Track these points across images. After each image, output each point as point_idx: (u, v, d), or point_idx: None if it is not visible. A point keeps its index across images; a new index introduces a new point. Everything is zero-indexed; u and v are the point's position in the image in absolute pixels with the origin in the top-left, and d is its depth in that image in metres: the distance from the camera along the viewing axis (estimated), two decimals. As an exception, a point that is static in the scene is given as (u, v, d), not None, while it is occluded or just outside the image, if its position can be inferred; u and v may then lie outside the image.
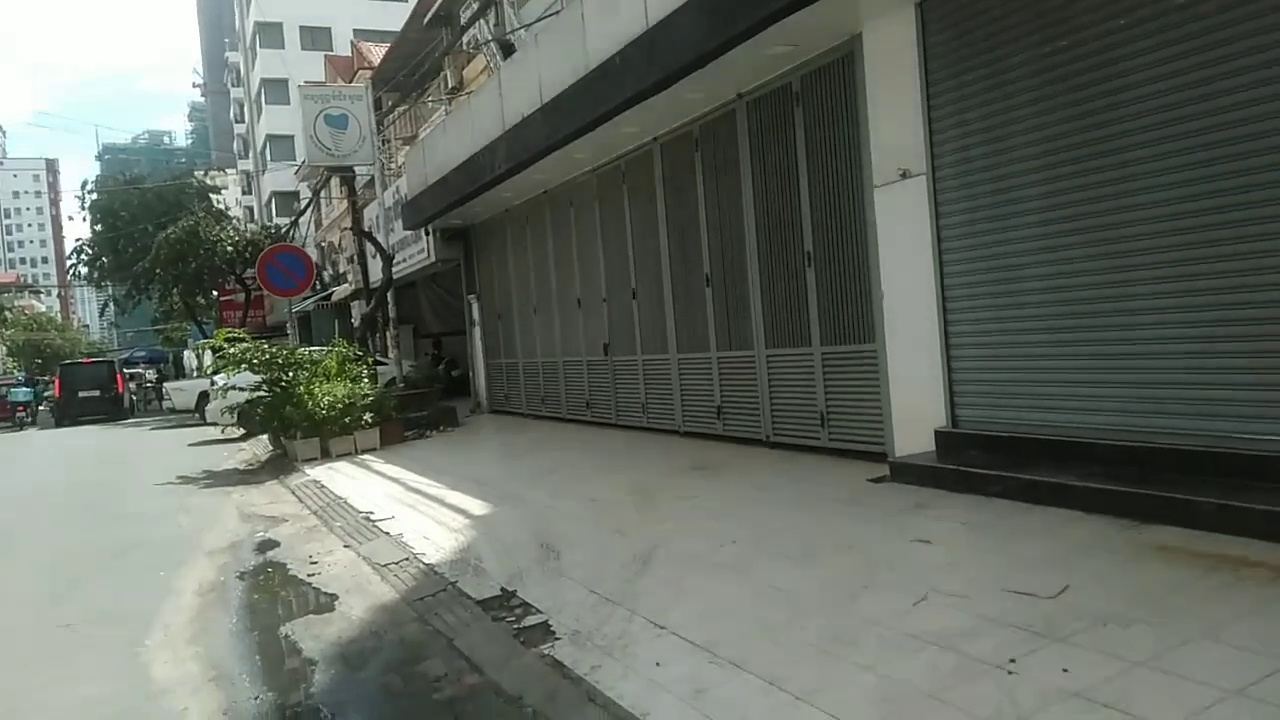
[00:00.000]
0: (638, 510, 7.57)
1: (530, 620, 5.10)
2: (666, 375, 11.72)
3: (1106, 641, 3.75)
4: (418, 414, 15.61)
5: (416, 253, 20.08)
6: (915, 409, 7.51)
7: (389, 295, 19.34)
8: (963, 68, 6.94)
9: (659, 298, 11.71)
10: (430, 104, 23.44)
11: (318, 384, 13.92)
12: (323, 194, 31.69)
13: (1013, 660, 3.72)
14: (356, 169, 19.24)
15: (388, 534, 7.88)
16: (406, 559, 6.92)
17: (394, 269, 18.94)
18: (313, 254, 30.65)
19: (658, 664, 4.19)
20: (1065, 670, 3.57)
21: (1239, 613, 3.91)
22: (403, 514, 8.59)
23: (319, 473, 12.09)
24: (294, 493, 11.24)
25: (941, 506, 6.37)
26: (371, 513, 8.85)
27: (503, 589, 5.74)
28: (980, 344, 7.05)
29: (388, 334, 20.03)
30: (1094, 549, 5.00)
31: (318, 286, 29.62)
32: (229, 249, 34.69)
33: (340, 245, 31.55)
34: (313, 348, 16.46)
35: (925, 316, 7.37)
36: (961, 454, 7.05)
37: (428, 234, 19.00)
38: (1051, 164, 6.32)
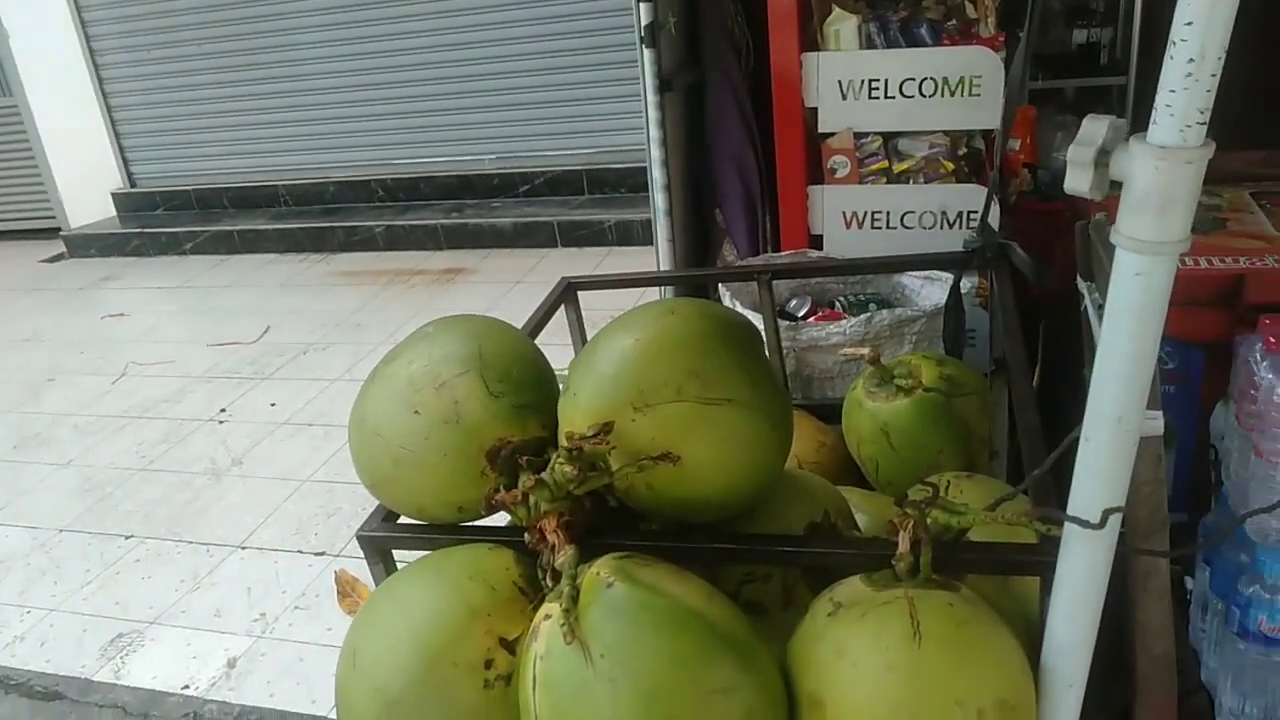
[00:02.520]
0: None
1: None
2: None
3: (307, 369, 4.01)
4: None
5: None
6: (83, 172, 6.53)
7: None
8: None
9: None
10: None
11: None
12: None
13: (223, 410, 3.73)
14: None
15: None
16: None
17: None
18: None
19: None
20: (273, 404, 3.72)
21: (412, 314, 4.53)
22: None
23: None
24: None
25: (132, 275, 5.85)
26: None
27: None
28: (144, 92, 6.33)
29: None
30: (291, 287, 5.20)
31: None
32: None
33: None
34: None
35: (70, 62, 6.26)
36: (147, 216, 6.48)
37: None
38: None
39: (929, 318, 1.53)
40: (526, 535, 0.88)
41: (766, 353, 1.52)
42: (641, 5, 1.86)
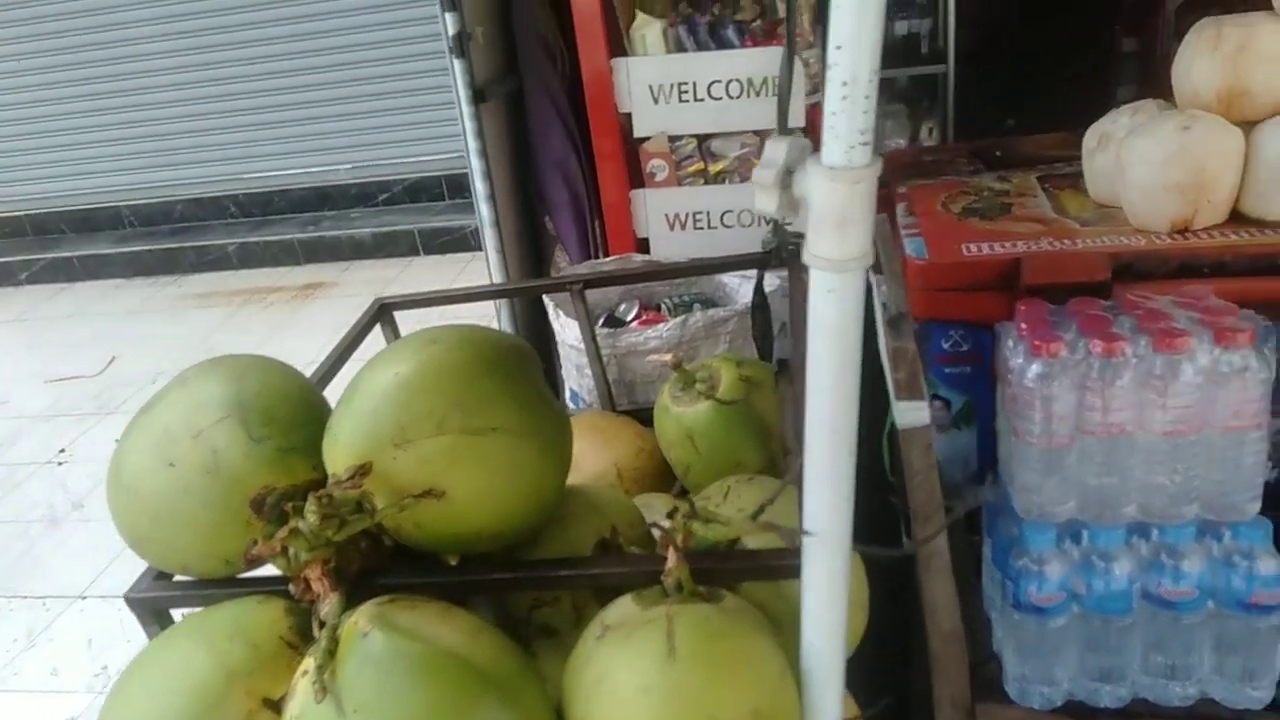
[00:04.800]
0: None
1: None
2: None
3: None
4: None
5: None
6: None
7: None
8: None
9: None
10: None
11: None
12: None
13: (63, 450, 3.52)
14: None
15: None
16: None
17: None
18: None
19: None
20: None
21: (269, 333, 4.37)
22: None
23: None
24: None
25: (-40, 311, 5.44)
26: None
27: None
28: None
29: None
30: (139, 313, 4.93)
31: None
32: None
33: None
34: None
35: None
36: (-25, 245, 6.03)
37: None
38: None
39: (739, 317, 1.57)
40: (291, 586, 0.86)
41: (593, 363, 1.53)
42: (447, 15, 1.83)
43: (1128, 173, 1.45)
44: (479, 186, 1.97)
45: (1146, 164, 1.41)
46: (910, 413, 1.03)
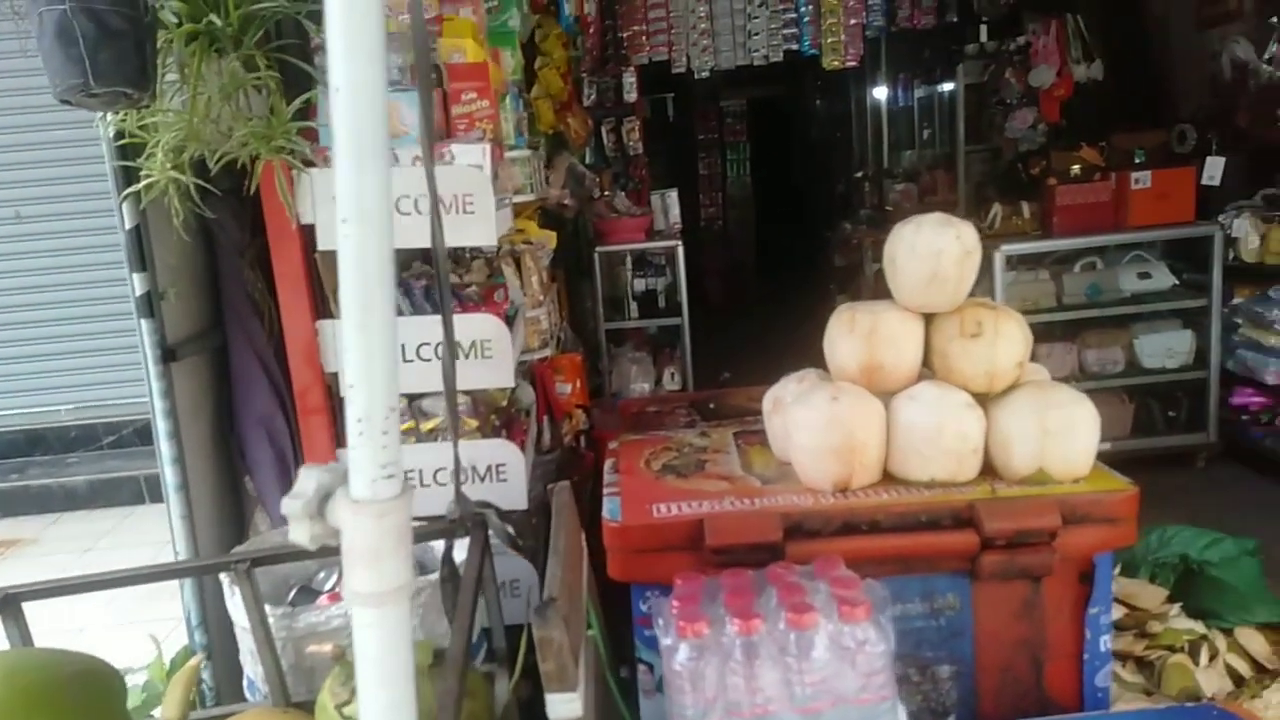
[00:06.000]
0: None
1: None
2: None
3: None
4: None
5: None
6: None
7: None
8: None
9: None
10: None
11: None
12: None
13: None
14: None
15: None
16: None
17: None
18: None
19: None
20: None
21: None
22: None
23: None
24: None
25: None
26: None
27: None
28: None
29: None
30: None
31: None
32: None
33: None
34: None
35: None
36: None
37: None
38: None
39: (434, 587, 1.48)
40: None
41: (261, 649, 1.35)
42: (135, 276, 1.77)
43: (793, 436, 1.57)
44: (165, 449, 1.82)
45: (806, 430, 1.53)
46: (561, 706, 0.98)
